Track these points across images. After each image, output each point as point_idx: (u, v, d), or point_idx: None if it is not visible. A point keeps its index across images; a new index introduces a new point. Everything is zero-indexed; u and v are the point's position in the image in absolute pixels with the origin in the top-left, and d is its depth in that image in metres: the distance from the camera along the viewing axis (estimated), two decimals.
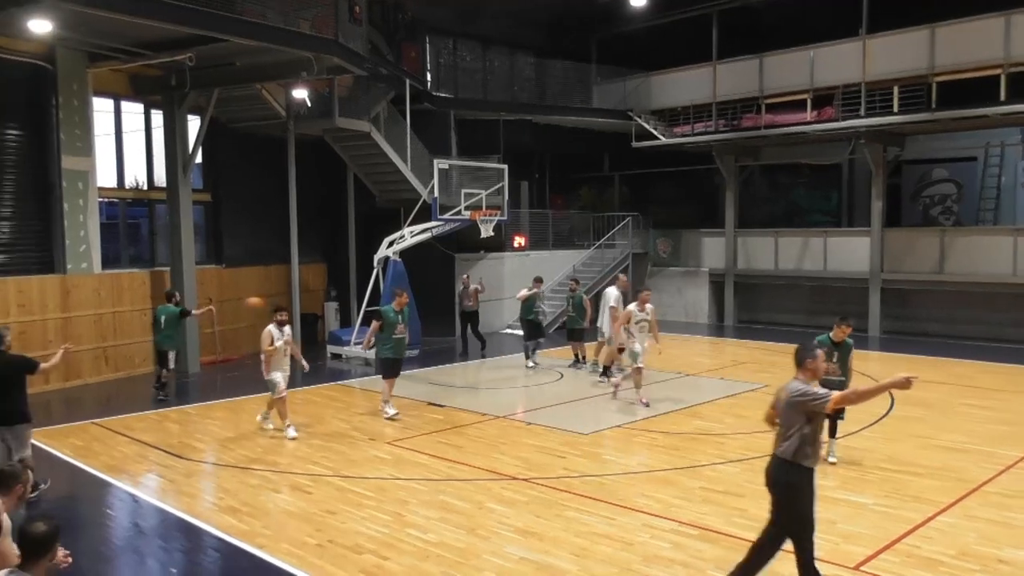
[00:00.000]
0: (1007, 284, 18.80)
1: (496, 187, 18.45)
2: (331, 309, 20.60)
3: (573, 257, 23.95)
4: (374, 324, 12.15)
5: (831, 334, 9.31)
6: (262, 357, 10.97)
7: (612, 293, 14.67)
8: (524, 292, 16.58)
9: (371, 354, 16.60)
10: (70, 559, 4.39)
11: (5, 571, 4.27)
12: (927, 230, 21.57)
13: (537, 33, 24.65)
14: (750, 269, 23.41)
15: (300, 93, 17.65)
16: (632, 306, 12.64)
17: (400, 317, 12.00)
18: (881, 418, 11.58)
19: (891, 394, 12.92)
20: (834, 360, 8.94)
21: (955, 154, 22.98)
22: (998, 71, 17.87)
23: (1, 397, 7.99)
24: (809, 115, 20.91)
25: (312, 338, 19.10)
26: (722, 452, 9.89)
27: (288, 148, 17.93)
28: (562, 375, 15.30)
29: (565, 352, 17.06)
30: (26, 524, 4.30)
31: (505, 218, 19.19)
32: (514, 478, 8.91)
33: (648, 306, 12.64)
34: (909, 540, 7.05)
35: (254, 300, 14.66)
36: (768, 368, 15.96)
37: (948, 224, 22.53)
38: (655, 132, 23.54)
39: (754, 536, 7.09)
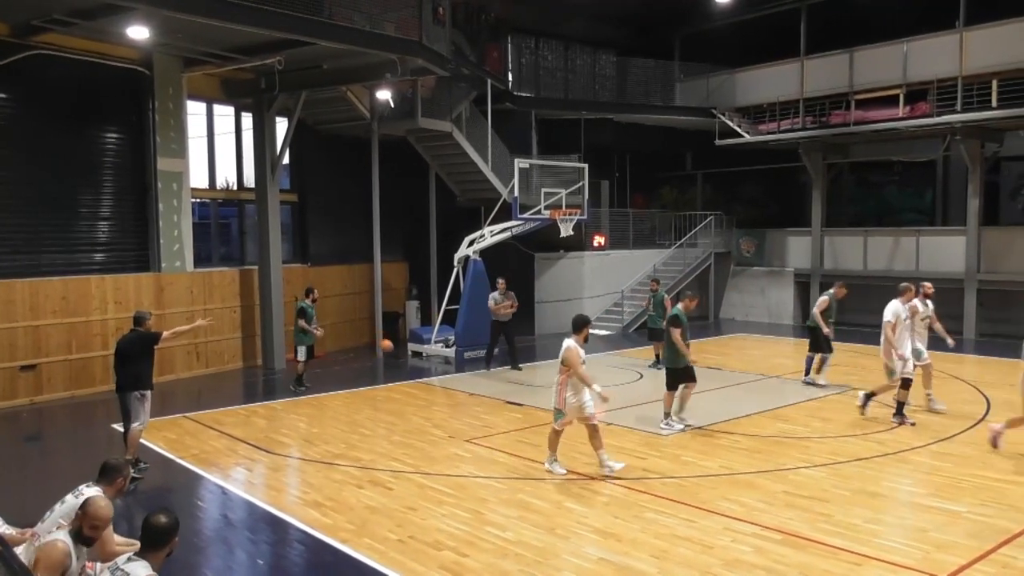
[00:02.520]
0: None
1: (576, 186, 18.41)
2: (412, 307, 20.94)
3: (654, 256, 23.74)
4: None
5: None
6: (557, 380, 9.03)
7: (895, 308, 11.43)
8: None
9: (450, 352, 16.85)
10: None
11: (127, 555, 4.51)
12: None
13: (619, 31, 24.51)
14: (837, 269, 22.69)
15: (384, 95, 17.98)
16: (916, 301, 11.57)
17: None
18: (977, 423, 11.10)
19: (987, 398, 12.39)
20: None
21: None
22: None
23: (135, 365, 9.25)
24: (901, 111, 20.19)
25: (394, 336, 19.44)
26: (807, 456, 9.65)
27: (372, 149, 18.29)
28: (641, 375, 15.16)
29: (646, 352, 16.92)
30: (150, 515, 4.57)
31: (585, 217, 19.13)
32: (593, 478, 8.89)
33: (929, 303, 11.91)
34: (1005, 550, 6.74)
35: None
36: (855, 371, 15.48)
37: None
38: (739, 130, 23.10)
39: (840, 542, 6.92)
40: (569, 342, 8.95)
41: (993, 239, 20.07)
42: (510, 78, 22.46)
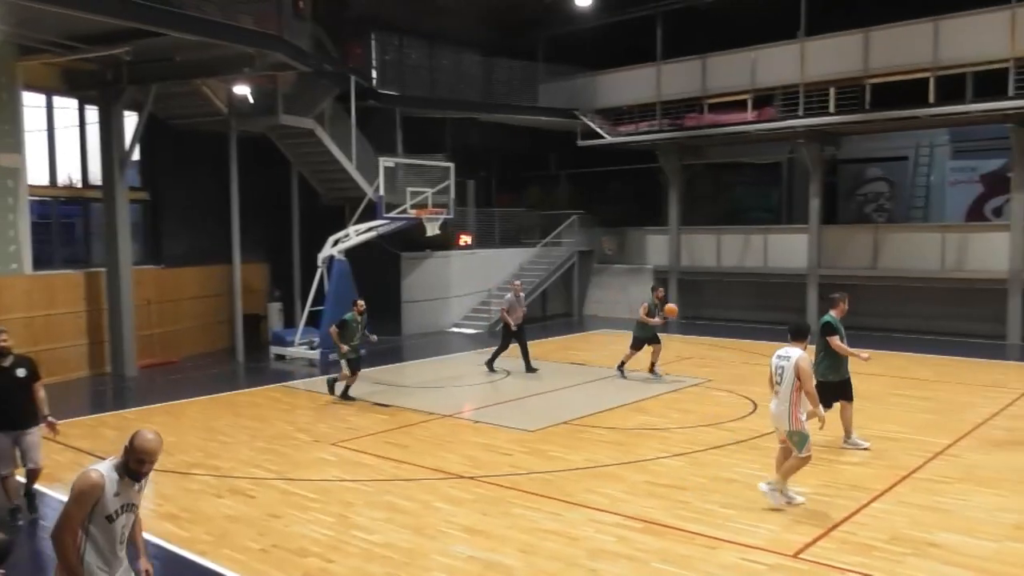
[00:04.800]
0: (936, 279, 19.46)
1: (442, 185, 18.42)
2: (274, 310, 20.31)
3: (520, 255, 24.05)
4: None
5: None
6: (787, 399, 7.66)
7: None
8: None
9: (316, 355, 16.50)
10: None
11: None
12: (861, 227, 22.20)
13: (485, 31, 24.66)
14: (693, 266, 23.78)
15: (242, 90, 17.36)
16: None
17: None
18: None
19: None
20: None
21: (888, 154, 23.69)
22: (927, 74, 18.48)
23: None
24: (750, 115, 21.34)
25: (255, 339, 18.81)
26: (666, 446, 10.03)
27: (230, 145, 17.62)
28: (508, 373, 15.33)
29: (513, 350, 17.10)
30: None
31: (451, 216, 19.16)
32: (461, 476, 8.91)
33: None
34: (845, 527, 7.26)
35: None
36: (711, 363, 16.25)
37: (881, 221, 23.21)
38: (600, 131, 23.75)
39: (697, 527, 7.25)
40: (800, 352, 7.69)
41: (832, 236, 21.54)
42: (375, 75, 22.18)
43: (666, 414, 11.88)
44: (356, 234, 17.46)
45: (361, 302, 13.45)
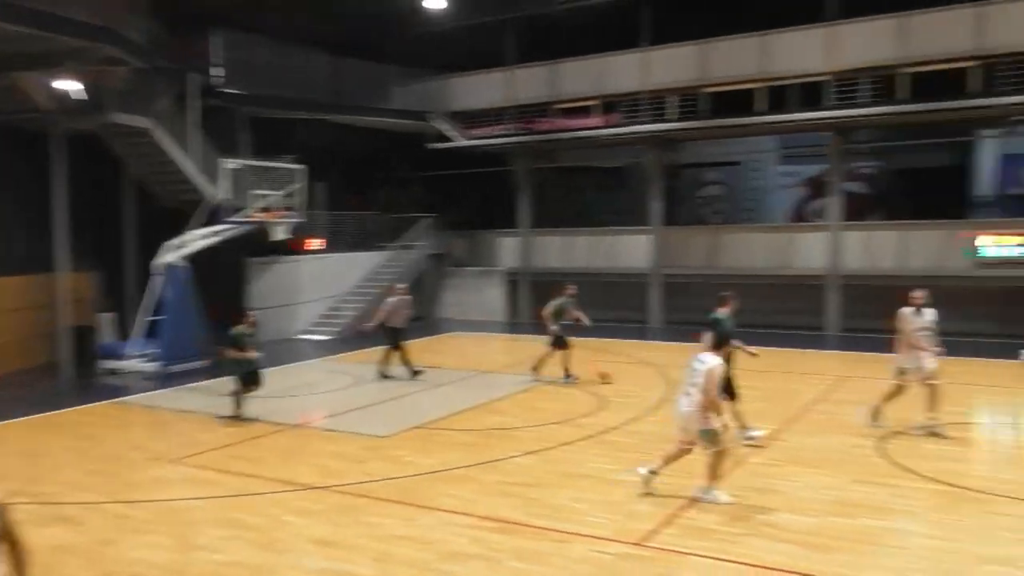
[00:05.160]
0: (766, 276, 20.80)
1: (291, 188, 17.91)
2: (105, 321, 19.02)
3: (372, 259, 23.75)
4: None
5: None
6: (693, 401, 7.89)
7: None
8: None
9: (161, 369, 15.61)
10: None
11: None
12: (700, 228, 23.48)
13: (335, 30, 24.13)
14: (544, 267, 24.28)
15: (69, 85, 16.18)
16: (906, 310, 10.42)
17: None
18: (660, 403, 12.41)
19: (666, 380, 13.88)
20: None
21: (723, 159, 25.16)
22: (757, 85, 19.75)
23: None
24: (598, 120, 22.05)
25: (84, 353, 17.54)
26: (518, 445, 10.18)
27: (55, 145, 16.36)
28: (356, 380, 15.06)
29: (362, 356, 16.86)
30: None
31: (301, 220, 18.65)
32: (312, 487, 8.69)
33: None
34: (687, 513, 7.62)
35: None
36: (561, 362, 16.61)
37: (718, 222, 24.59)
38: (452, 134, 23.83)
39: (549, 523, 7.40)
40: (712, 360, 7.87)
41: (673, 237, 22.59)
42: (220, 73, 21.23)
43: (518, 413, 12.06)
44: (198, 239, 16.67)
45: (252, 314, 12.44)
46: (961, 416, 11.21)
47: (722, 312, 10.18)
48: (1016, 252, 18.01)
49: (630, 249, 22.95)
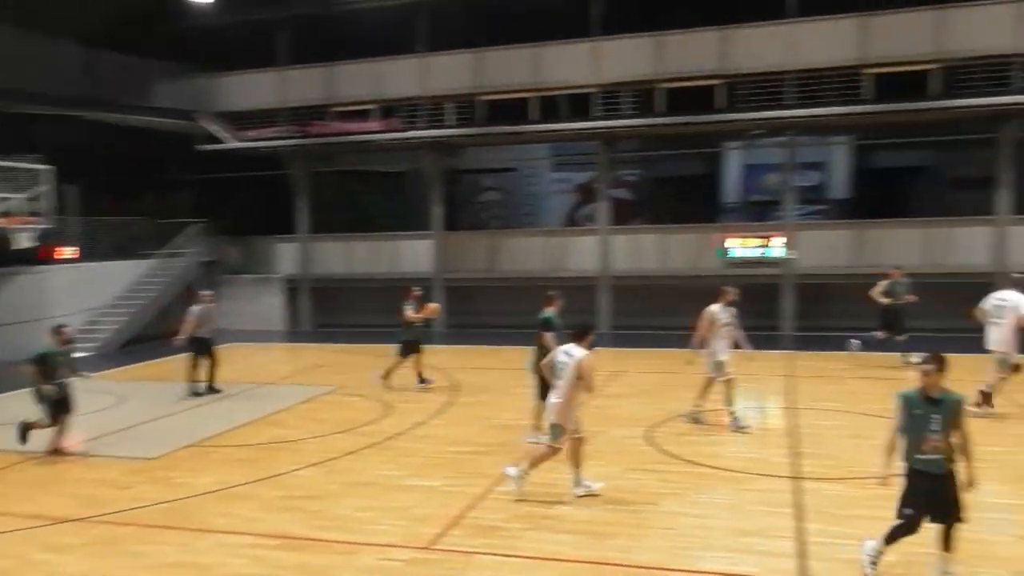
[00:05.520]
0: (542, 278, 21.66)
1: (35, 191, 16.19)
2: None
3: (136, 268, 22.03)
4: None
5: None
6: (558, 395, 8.10)
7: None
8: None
9: None
10: None
11: None
12: (480, 233, 24.00)
13: (87, 19, 22.08)
14: (324, 274, 23.76)
15: None
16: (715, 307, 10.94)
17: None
18: (446, 407, 12.57)
19: (454, 383, 14.05)
20: None
21: (500, 165, 25.93)
22: (529, 94, 20.54)
23: None
24: (376, 125, 21.91)
25: None
26: (301, 457, 9.87)
27: None
28: (123, 398, 13.91)
29: (128, 373, 15.60)
30: None
31: (49, 226, 16.91)
32: (69, 520, 7.90)
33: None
34: (473, 513, 7.77)
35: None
36: (344, 370, 16.36)
37: (496, 227, 25.30)
38: (223, 135, 22.69)
39: (335, 535, 7.25)
40: (580, 351, 7.97)
41: (454, 242, 22.95)
42: None
43: (300, 424, 11.69)
44: None
45: (67, 327, 10.65)
46: (718, 403, 12.29)
47: (550, 311, 10.51)
48: (757, 253, 20.07)
49: (412, 254, 23.02)
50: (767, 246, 19.96)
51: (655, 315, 20.89)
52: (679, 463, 9.31)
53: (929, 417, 5.81)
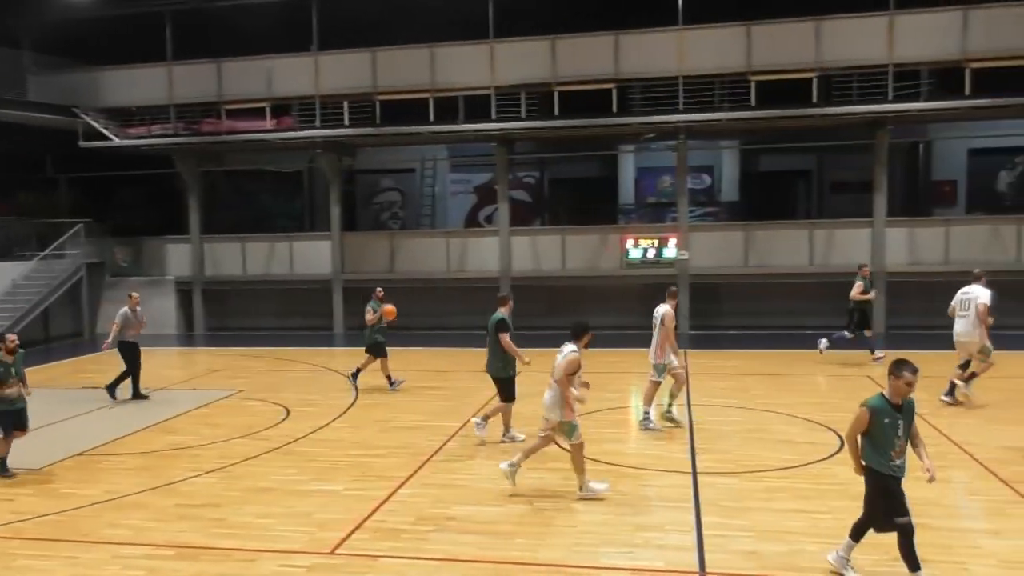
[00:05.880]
0: (445, 279, 21.69)
1: None
2: None
3: (13, 271, 20.83)
4: None
5: None
6: (556, 392, 8.07)
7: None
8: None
9: None
10: None
11: None
12: (379, 234, 23.80)
13: None
14: (218, 275, 23.06)
15: None
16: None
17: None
18: (347, 410, 12.42)
19: (356, 388, 13.89)
20: None
21: (398, 166, 25.75)
22: (426, 95, 20.50)
23: None
24: (269, 123, 21.40)
25: None
26: (197, 464, 9.57)
27: None
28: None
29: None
30: None
31: None
32: None
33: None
34: (376, 516, 7.71)
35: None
36: (242, 373, 15.94)
37: (396, 228, 25.13)
38: (106, 132, 21.71)
39: (234, 543, 7.07)
40: (570, 348, 8.08)
41: (353, 243, 22.66)
42: None
43: (197, 430, 11.33)
44: None
45: (12, 336, 9.34)
46: (619, 401, 12.61)
47: (503, 311, 10.49)
48: (652, 253, 20.64)
49: (310, 255, 22.61)
50: (662, 247, 20.57)
51: (556, 315, 21.19)
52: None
53: (897, 424, 5.88)
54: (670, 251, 20.48)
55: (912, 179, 24.03)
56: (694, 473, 8.89)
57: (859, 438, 6.02)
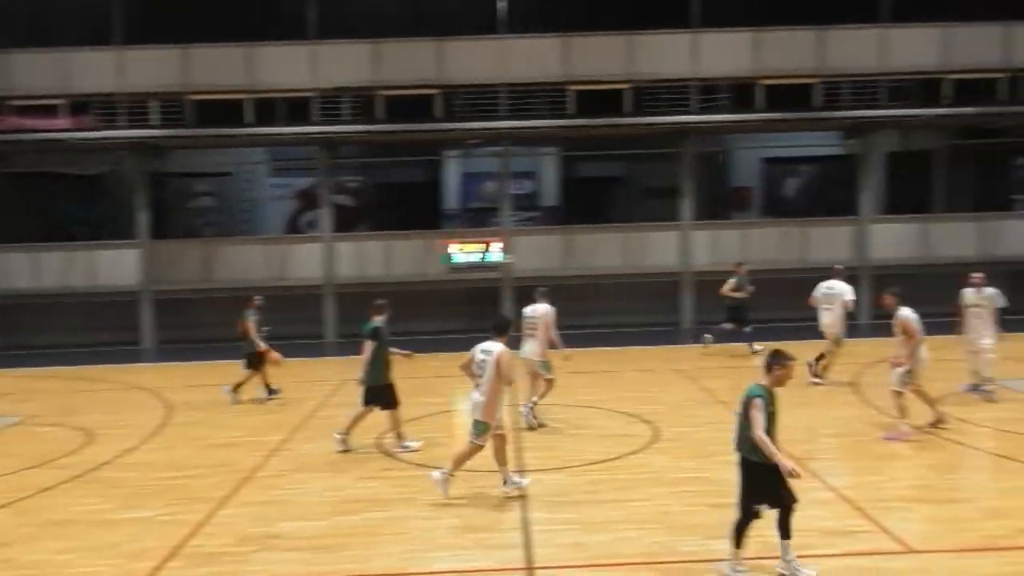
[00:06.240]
0: (269, 287, 20.81)
1: None
2: None
3: None
4: None
5: None
6: (483, 391, 8.12)
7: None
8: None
9: None
10: None
11: None
12: (193, 241, 22.50)
13: None
14: (6, 289, 20.94)
15: None
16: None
17: None
18: (159, 430, 11.65)
19: (165, 403, 13.09)
20: None
21: (214, 169, 24.51)
22: (243, 96, 19.66)
23: None
24: (65, 122, 19.72)
25: None
26: None
27: None
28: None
29: None
30: None
31: None
32: None
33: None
34: (193, 541, 7.26)
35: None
36: (34, 397, 14.56)
37: (211, 235, 23.90)
38: None
39: None
40: (499, 347, 8.01)
41: (164, 251, 21.29)
42: None
43: None
44: None
45: None
46: (444, 406, 12.61)
47: (378, 320, 10.21)
48: (476, 258, 20.86)
49: (114, 265, 20.97)
50: (486, 251, 20.83)
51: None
52: (410, 468, 9.41)
53: (774, 412, 6.10)
54: (494, 255, 20.78)
55: (714, 185, 25.76)
56: (521, 472, 9.03)
57: (757, 433, 5.97)
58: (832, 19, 19.78)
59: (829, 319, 13.15)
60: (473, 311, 20.71)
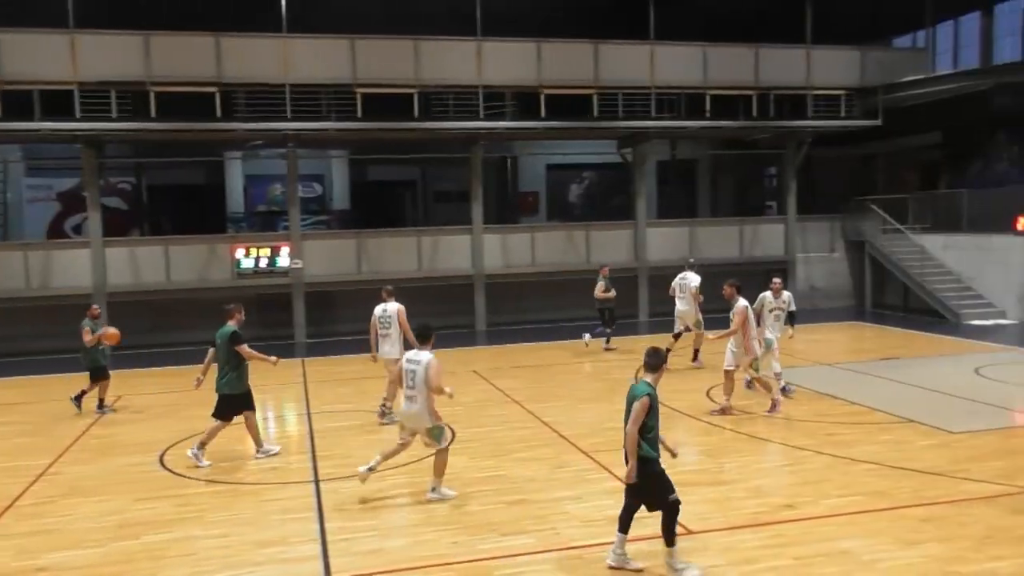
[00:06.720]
0: (22, 298, 18.95)
1: None
2: None
3: None
4: None
5: None
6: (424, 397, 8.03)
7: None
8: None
9: None
10: None
11: None
12: None
13: None
14: None
15: None
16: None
17: None
18: None
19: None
20: None
21: None
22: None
23: None
24: None
25: None
26: None
27: None
28: None
29: None
30: None
31: None
32: None
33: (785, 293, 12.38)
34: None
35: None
36: None
37: None
38: None
39: None
40: (426, 355, 8.02)
41: None
42: None
43: None
44: None
45: None
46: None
47: (232, 324, 9.79)
48: (264, 263, 20.09)
49: None
50: (275, 256, 20.14)
51: (161, 332, 19.71)
52: (197, 484, 8.94)
53: (658, 407, 6.20)
54: (283, 260, 20.15)
55: (503, 190, 26.57)
56: (316, 481, 8.88)
57: (630, 426, 6.09)
58: (608, 34, 21.07)
59: (683, 307, 14.84)
60: (266, 318, 19.99)
